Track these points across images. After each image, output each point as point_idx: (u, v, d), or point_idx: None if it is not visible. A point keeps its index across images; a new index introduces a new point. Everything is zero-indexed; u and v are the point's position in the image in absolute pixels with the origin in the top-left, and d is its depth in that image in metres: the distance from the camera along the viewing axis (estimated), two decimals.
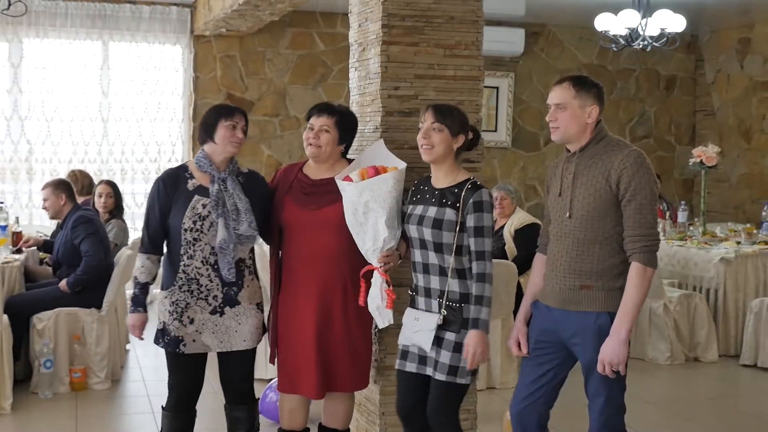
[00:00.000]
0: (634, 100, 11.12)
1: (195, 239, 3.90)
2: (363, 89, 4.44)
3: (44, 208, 6.50)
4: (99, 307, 6.19)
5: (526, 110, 10.63)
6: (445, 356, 3.65)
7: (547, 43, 10.73)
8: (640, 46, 8.23)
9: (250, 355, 4.09)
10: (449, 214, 3.64)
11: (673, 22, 7.99)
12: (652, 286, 7.05)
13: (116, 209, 7.12)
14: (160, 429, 4.17)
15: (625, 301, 3.41)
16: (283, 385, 4.08)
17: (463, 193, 3.64)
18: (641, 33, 8.06)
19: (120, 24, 9.25)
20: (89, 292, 6.13)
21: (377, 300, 3.80)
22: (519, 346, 3.75)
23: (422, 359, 3.75)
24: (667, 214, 9.07)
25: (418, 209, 3.75)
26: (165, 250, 4.03)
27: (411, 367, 3.78)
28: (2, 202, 7.33)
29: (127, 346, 7.05)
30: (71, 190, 6.47)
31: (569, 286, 3.51)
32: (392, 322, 3.83)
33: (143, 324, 4.03)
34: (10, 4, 7.05)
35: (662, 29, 8.05)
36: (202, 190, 3.93)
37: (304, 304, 3.97)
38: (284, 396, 4.11)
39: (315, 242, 3.94)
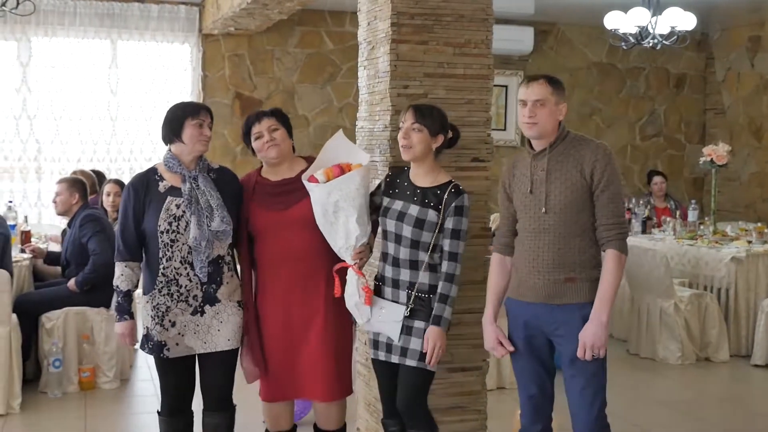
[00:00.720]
0: (643, 99, 11.07)
1: (172, 240, 3.85)
2: (372, 88, 4.41)
3: (54, 201, 6.46)
4: (108, 306, 6.18)
5: None
6: (416, 343, 3.74)
7: (556, 42, 10.69)
8: (650, 45, 8.19)
9: (232, 356, 4.03)
10: (431, 215, 3.73)
11: (683, 20, 7.96)
12: (663, 286, 7.15)
13: None
14: None
15: (604, 287, 3.52)
16: (267, 394, 4.05)
17: (446, 196, 3.73)
18: (651, 31, 8.03)
19: (128, 23, 9.24)
20: (98, 291, 6.12)
21: (355, 297, 3.81)
22: (501, 345, 3.79)
23: (389, 347, 3.83)
24: (677, 213, 9.04)
25: (398, 204, 3.80)
26: (143, 255, 3.98)
27: (381, 355, 3.87)
28: (11, 202, 7.34)
29: (136, 346, 7.03)
30: (85, 191, 6.46)
31: (554, 280, 3.59)
32: (371, 318, 3.84)
33: (132, 331, 3.98)
34: (18, 3, 7.04)
35: (672, 27, 8.01)
36: (174, 191, 3.89)
37: (283, 307, 3.94)
38: (267, 404, 4.10)
39: (289, 242, 3.92)
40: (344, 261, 3.83)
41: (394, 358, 3.81)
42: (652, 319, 7.28)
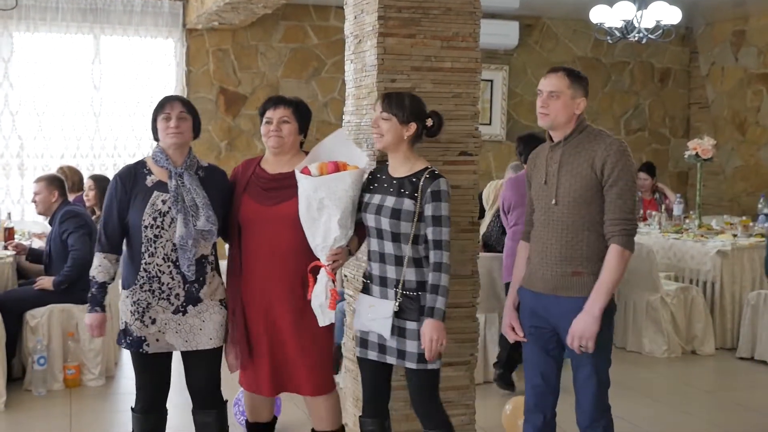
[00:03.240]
0: (628, 93, 11.09)
1: (156, 236, 3.82)
2: (359, 82, 4.39)
3: (33, 201, 6.41)
4: None
5: (521, 103, 10.59)
6: (412, 345, 3.69)
7: (541, 36, 10.68)
8: (636, 39, 8.19)
9: (216, 354, 4.00)
10: (407, 204, 3.67)
11: (668, 15, 7.97)
12: (649, 280, 7.15)
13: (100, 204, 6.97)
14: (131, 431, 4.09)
15: (602, 281, 3.54)
16: (245, 384, 4.12)
17: (422, 183, 3.68)
18: (636, 25, 8.04)
19: (111, 18, 9.16)
20: (82, 288, 6.06)
21: (321, 298, 3.77)
22: (514, 331, 3.87)
23: (382, 347, 3.78)
24: (663, 206, 9.05)
25: (376, 198, 3.76)
26: (125, 248, 3.94)
27: (372, 355, 3.82)
28: None
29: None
30: (64, 187, 6.41)
31: (561, 273, 3.63)
32: (333, 322, 3.83)
33: (102, 324, 3.93)
34: None
35: (658, 21, 8.02)
36: (161, 186, 3.86)
37: (263, 302, 3.94)
38: (248, 393, 4.17)
39: (274, 238, 3.90)
40: (319, 260, 3.80)
41: (390, 359, 3.76)
42: (638, 312, 7.29)
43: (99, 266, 3.89)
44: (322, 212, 3.73)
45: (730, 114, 10.67)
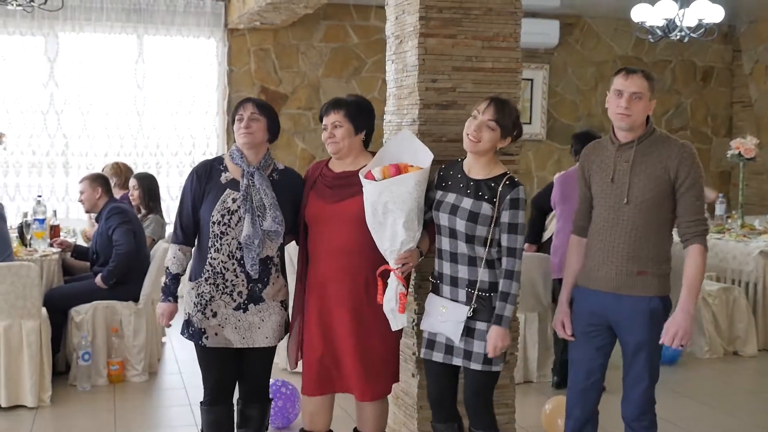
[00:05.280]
0: (670, 92, 11.00)
1: (222, 233, 3.90)
2: (400, 82, 4.41)
3: (80, 200, 6.55)
4: (136, 300, 6.23)
5: (561, 102, 10.55)
6: (479, 346, 3.67)
7: (582, 35, 10.64)
8: (677, 37, 8.13)
9: (270, 352, 4.09)
10: (486, 208, 3.64)
11: (711, 13, 7.89)
12: None
13: (152, 202, 7.05)
14: (201, 424, 4.16)
15: (691, 280, 3.65)
16: (304, 388, 4.02)
17: (500, 189, 3.65)
18: (678, 24, 7.97)
19: (155, 18, 9.29)
20: (126, 285, 6.17)
21: (392, 303, 3.74)
22: (563, 327, 3.90)
23: (449, 349, 3.76)
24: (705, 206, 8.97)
25: (451, 197, 3.73)
26: (196, 241, 4.04)
27: (438, 356, 3.80)
28: (40, 196, 7.40)
29: (164, 339, 7.09)
30: (108, 185, 6.52)
31: (626, 272, 3.66)
32: (405, 325, 3.81)
33: (171, 314, 4.04)
34: None
35: (700, 20, 7.95)
36: (234, 184, 3.94)
37: (325, 300, 3.91)
38: (305, 398, 4.05)
39: (336, 235, 3.88)
40: (388, 264, 3.76)
41: (457, 361, 3.74)
42: None
43: (173, 257, 4.00)
44: (387, 216, 3.70)
45: None
